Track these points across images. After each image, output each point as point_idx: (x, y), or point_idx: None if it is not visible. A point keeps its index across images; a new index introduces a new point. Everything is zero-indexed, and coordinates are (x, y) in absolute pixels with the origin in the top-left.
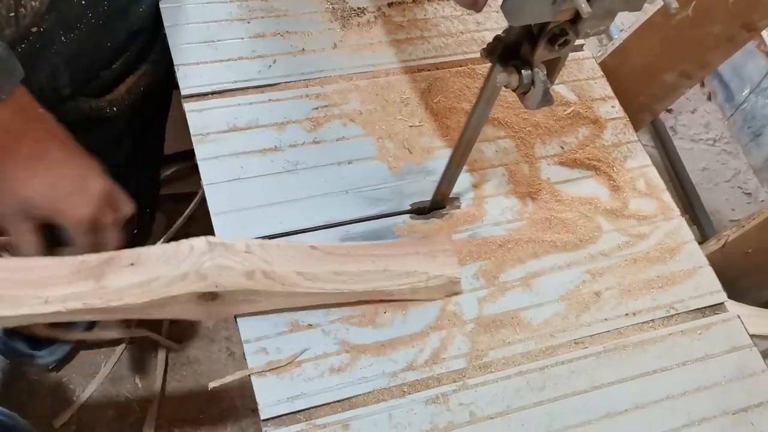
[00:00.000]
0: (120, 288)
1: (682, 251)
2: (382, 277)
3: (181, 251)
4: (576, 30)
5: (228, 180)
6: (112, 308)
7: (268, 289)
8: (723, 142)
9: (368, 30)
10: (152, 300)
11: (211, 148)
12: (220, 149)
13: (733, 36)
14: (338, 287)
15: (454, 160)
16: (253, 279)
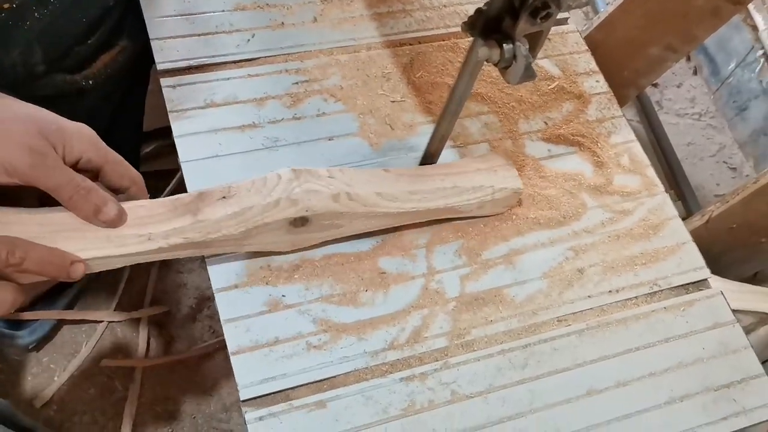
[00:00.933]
0: (217, 220)
1: (666, 227)
2: (451, 194)
3: (270, 180)
4: (558, 3)
5: (206, 157)
6: (210, 241)
7: (352, 211)
8: (708, 117)
9: (349, 3)
10: (248, 229)
11: (188, 125)
12: (197, 126)
13: (719, 9)
14: (415, 206)
15: (436, 135)
16: (338, 201)
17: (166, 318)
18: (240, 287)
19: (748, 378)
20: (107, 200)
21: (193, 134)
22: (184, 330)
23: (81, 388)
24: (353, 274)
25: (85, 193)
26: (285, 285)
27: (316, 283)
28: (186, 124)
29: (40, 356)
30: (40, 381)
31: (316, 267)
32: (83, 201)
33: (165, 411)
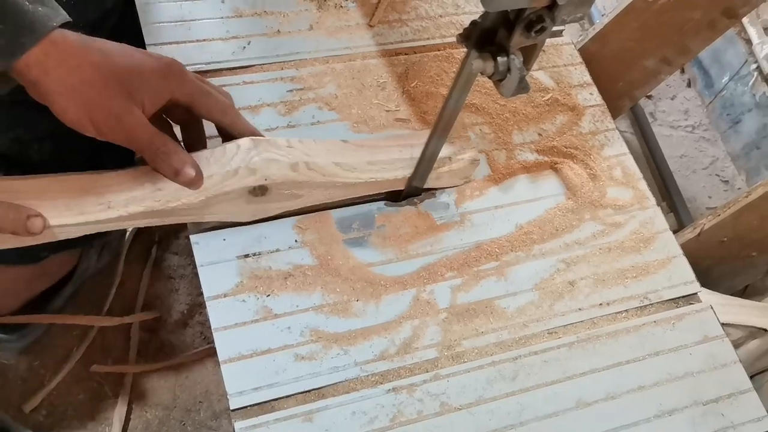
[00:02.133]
0: (176, 189)
1: (657, 241)
2: (409, 164)
3: (229, 150)
4: (553, 16)
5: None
6: (170, 210)
7: (311, 180)
8: (702, 129)
9: (345, 12)
10: (207, 198)
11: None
12: None
13: (714, 22)
14: (373, 176)
15: (429, 146)
16: (297, 171)
17: (158, 323)
18: (232, 295)
19: (737, 392)
20: (186, 163)
21: None
22: (175, 336)
23: (71, 393)
24: (345, 284)
25: (165, 156)
26: (277, 294)
27: (308, 292)
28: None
29: (30, 360)
30: (30, 385)
31: (308, 276)
32: (163, 163)
33: (155, 417)
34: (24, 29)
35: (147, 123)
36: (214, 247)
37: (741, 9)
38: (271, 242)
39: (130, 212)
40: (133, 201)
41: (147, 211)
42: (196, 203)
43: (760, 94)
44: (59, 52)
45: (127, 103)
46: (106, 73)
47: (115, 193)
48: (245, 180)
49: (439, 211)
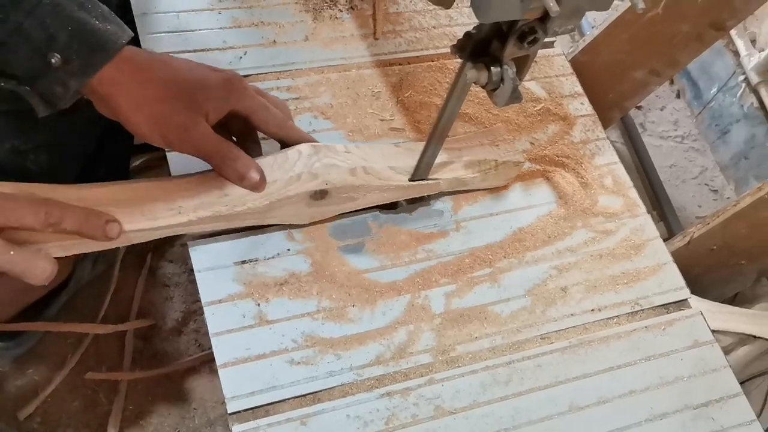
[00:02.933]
0: (242, 194)
1: (647, 248)
2: (458, 167)
3: (291, 156)
4: (545, 28)
5: (196, 171)
6: (235, 214)
7: (368, 184)
8: (691, 140)
9: (340, 23)
10: (271, 202)
11: None
12: None
13: (702, 35)
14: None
15: (424, 156)
16: (355, 175)
17: (152, 331)
18: (229, 301)
19: (727, 397)
20: (250, 167)
21: None
22: (169, 343)
23: (65, 400)
24: (341, 290)
25: (230, 162)
26: (273, 300)
27: (304, 298)
28: None
29: (25, 368)
30: (24, 393)
31: (304, 282)
32: (229, 169)
33: (149, 424)
34: (97, 48)
35: (212, 132)
36: (211, 254)
37: (728, 21)
38: (268, 249)
39: (199, 217)
40: (201, 206)
41: (214, 215)
42: (261, 207)
43: (748, 105)
44: (130, 68)
45: (194, 115)
46: (173, 88)
47: (185, 198)
48: (307, 185)
49: (433, 218)
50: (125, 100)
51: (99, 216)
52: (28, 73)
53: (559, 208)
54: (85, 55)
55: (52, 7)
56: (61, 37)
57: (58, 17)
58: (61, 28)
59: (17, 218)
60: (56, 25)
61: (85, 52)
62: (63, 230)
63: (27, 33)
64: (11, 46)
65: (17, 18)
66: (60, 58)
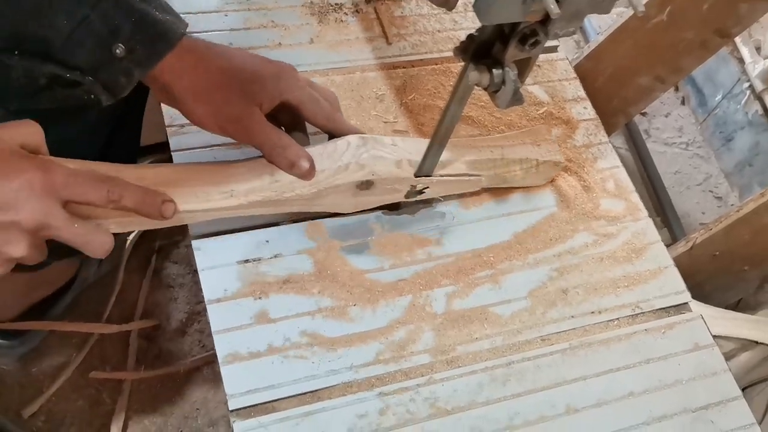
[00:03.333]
0: (291, 181)
1: (649, 251)
2: (500, 164)
3: (340, 146)
4: (546, 31)
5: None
6: (284, 199)
7: (412, 176)
8: (695, 146)
9: (345, 26)
10: (318, 190)
11: (186, 140)
12: (194, 141)
13: (707, 41)
14: (468, 173)
15: (428, 157)
16: (401, 167)
17: (156, 331)
18: (231, 299)
19: (726, 400)
20: (300, 156)
21: (189, 149)
22: (173, 344)
23: (69, 399)
24: (343, 290)
25: (281, 151)
26: (276, 298)
27: (306, 297)
28: (183, 139)
29: (29, 367)
30: (29, 391)
31: (306, 282)
32: (280, 157)
33: (152, 424)
34: (159, 38)
35: (266, 122)
36: (214, 252)
37: (733, 29)
38: (271, 248)
39: (249, 201)
40: (252, 191)
41: (264, 200)
42: (308, 194)
43: (752, 112)
44: (190, 57)
45: (249, 104)
46: (230, 77)
47: (237, 182)
48: (354, 175)
49: (435, 220)
50: (185, 88)
51: (156, 195)
52: (92, 63)
53: (561, 211)
54: (149, 45)
55: (115, 0)
56: (124, 28)
57: (122, 9)
58: (125, 20)
59: (82, 193)
60: (120, 17)
61: (148, 42)
62: (123, 207)
63: (92, 25)
64: (77, 38)
65: (83, 11)
66: (124, 48)
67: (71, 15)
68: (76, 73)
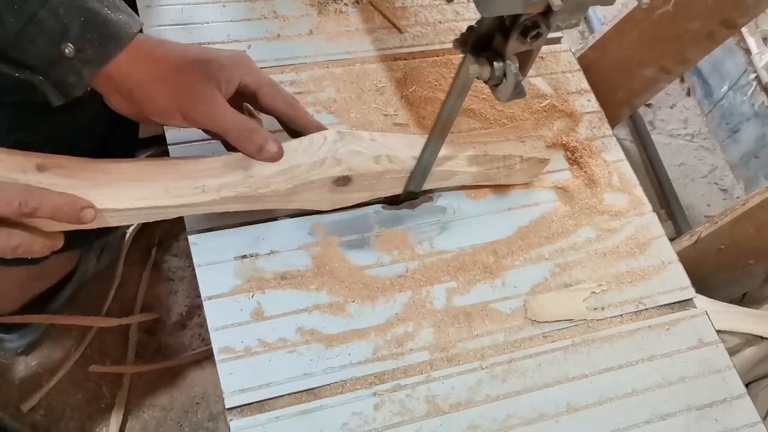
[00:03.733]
0: (266, 176)
1: (653, 246)
2: (483, 161)
3: (316, 140)
4: (548, 23)
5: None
6: (259, 195)
7: (390, 173)
8: (701, 138)
9: (345, 17)
10: (294, 186)
11: (182, 133)
12: (191, 134)
13: (713, 32)
14: (449, 170)
15: (426, 151)
16: (379, 163)
17: (156, 325)
18: (229, 295)
19: (731, 398)
20: (267, 139)
21: (186, 143)
22: (173, 337)
23: (68, 393)
24: (341, 286)
25: (248, 134)
26: (273, 294)
27: (304, 293)
28: (180, 132)
29: (29, 360)
30: (28, 385)
31: (304, 278)
32: (247, 141)
33: (152, 418)
34: (109, 38)
35: (228, 105)
36: (212, 248)
37: (740, 19)
38: (268, 244)
39: (222, 196)
40: (225, 186)
41: (238, 196)
42: (284, 190)
43: (758, 104)
44: (146, 50)
45: (209, 86)
46: (188, 61)
47: (210, 178)
48: (331, 170)
49: (436, 214)
50: (144, 75)
51: (74, 203)
52: (42, 62)
53: (564, 205)
54: (98, 44)
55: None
56: (74, 26)
57: (72, 7)
58: (74, 18)
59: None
60: (69, 15)
61: (97, 41)
62: (39, 217)
63: (42, 23)
64: (26, 35)
65: (32, 8)
66: (73, 47)
67: (19, 11)
68: (26, 72)
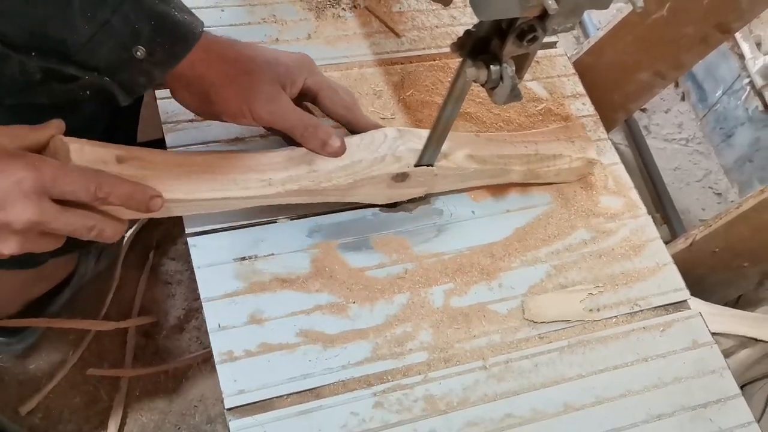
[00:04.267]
0: (329, 171)
1: (647, 248)
2: (534, 160)
3: (377, 138)
4: (544, 26)
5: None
6: (321, 189)
7: (446, 170)
8: (695, 143)
9: (343, 22)
10: (355, 181)
11: (182, 136)
12: (190, 137)
13: (707, 37)
14: (501, 168)
15: (424, 154)
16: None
17: (154, 328)
18: (228, 297)
19: (725, 398)
20: (331, 135)
21: (185, 146)
22: (171, 341)
23: (66, 396)
24: (340, 287)
25: (313, 130)
26: (272, 296)
27: (303, 295)
28: (179, 136)
29: (27, 363)
30: (26, 388)
31: (303, 279)
32: (312, 137)
33: (150, 421)
34: (178, 39)
35: (293, 104)
36: (211, 250)
37: (734, 24)
38: (268, 246)
39: (286, 189)
40: (290, 180)
41: (301, 189)
42: (344, 185)
43: (752, 108)
44: (216, 48)
45: (277, 87)
46: (259, 63)
47: (275, 171)
48: (390, 167)
49: (433, 217)
50: (217, 76)
51: (144, 192)
52: (111, 64)
53: (560, 208)
54: (168, 46)
55: (135, 3)
56: (145, 31)
57: (142, 12)
58: (145, 23)
59: (70, 191)
60: (140, 20)
61: (168, 44)
62: (111, 203)
63: (113, 29)
64: (98, 41)
65: (104, 15)
66: (144, 50)
67: (92, 19)
68: (93, 74)
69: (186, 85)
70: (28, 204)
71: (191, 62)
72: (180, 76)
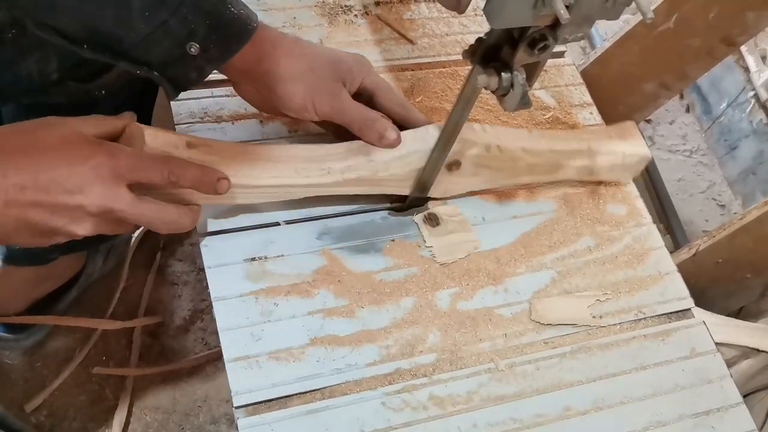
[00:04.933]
0: (386, 161)
1: (651, 257)
2: (586, 155)
3: (430, 131)
4: (555, 35)
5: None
6: (378, 179)
7: (498, 161)
8: (699, 154)
9: (355, 28)
10: (411, 170)
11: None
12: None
13: (713, 49)
14: (554, 163)
15: (432, 158)
16: (489, 152)
17: (160, 328)
18: (238, 297)
19: (727, 406)
20: (387, 127)
21: None
22: (176, 341)
23: (72, 394)
24: (349, 289)
25: (371, 124)
26: (282, 296)
27: (312, 296)
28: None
29: (33, 361)
30: (32, 386)
31: (313, 281)
32: (370, 130)
33: (154, 420)
34: (232, 36)
35: (353, 100)
36: (221, 250)
37: (739, 37)
38: (278, 247)
39: (345, 178)
40: (348, 169)
41: (359, 178)
42: (401, 175)
43: (757, 121)
44: (284, 47)
45: (338, 84)
46: (322, 61)
47: (335, 161)
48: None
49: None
50: (285, 73)
51: (212, 173)
52: (163, 60)
53: (566, 214)
54: (223, 43)
55: (193, 3)
56: (200, 30)
57: (199, 12)
58: (201, 23)
59: (145, 176)
60: (197, 20)
61: (222, 41)
62: (182, 186)
63: (170, 28)
64: (154, 39)
65: (162, 16)
66: (199, 47)
67: (150, 18)
68: (144, 69)
69: (252, 80)
70: (104, 189)
71: (258, 58)
72: (247, 72)
